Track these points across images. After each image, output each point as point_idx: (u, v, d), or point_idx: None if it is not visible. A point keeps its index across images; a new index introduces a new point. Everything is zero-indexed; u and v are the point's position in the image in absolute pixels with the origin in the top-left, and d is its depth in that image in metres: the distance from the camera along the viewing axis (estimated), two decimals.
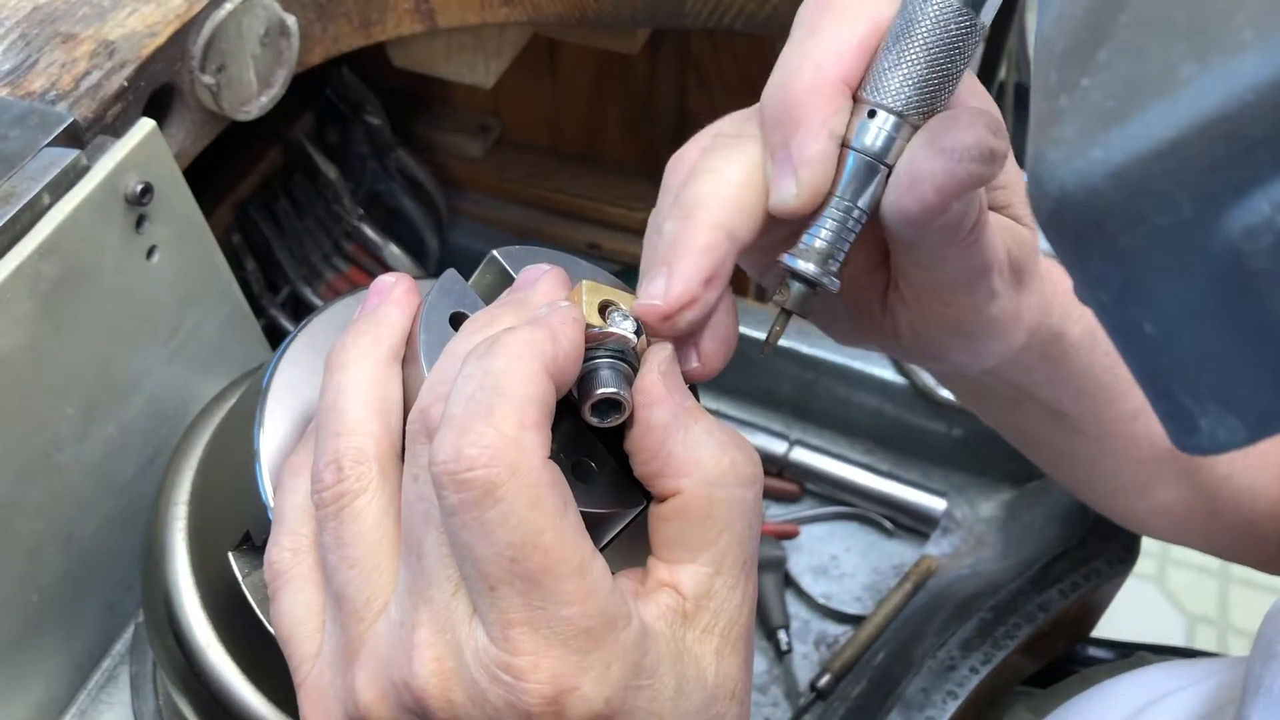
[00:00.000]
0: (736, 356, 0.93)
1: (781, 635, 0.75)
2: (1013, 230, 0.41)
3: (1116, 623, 0.82)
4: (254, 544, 0.45)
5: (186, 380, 0.62)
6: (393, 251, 0.95)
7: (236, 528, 0.45)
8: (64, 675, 0.60)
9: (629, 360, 0.36)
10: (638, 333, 0.36)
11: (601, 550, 0.34)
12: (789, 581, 0.79)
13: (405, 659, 0.32)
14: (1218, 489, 0.56)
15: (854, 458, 0.84)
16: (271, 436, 0.43)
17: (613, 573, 0.33)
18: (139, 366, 0.58)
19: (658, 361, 0.36)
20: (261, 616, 0.43)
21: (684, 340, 0.38)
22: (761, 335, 0.85)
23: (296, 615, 0.37)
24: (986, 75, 1.31)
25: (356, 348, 0.38)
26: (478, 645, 0.31)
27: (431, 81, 0.91)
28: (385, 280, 0.41)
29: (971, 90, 0.37)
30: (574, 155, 1.07)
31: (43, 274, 0.50)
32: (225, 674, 0.46)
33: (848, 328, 0.46)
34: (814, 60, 0.36)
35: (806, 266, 0.37)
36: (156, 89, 0.58)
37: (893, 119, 0.36)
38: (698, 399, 0.37)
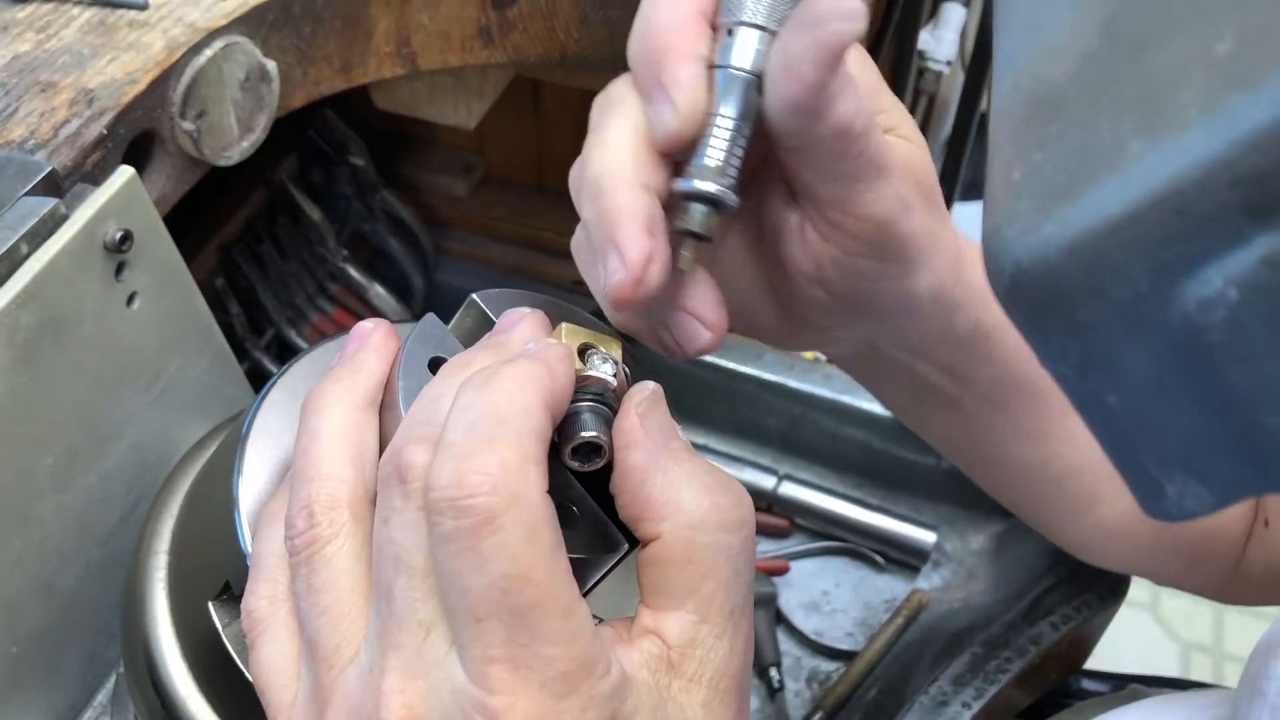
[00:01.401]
0: (723, 392, 0.93)
1: (773, 673, 0.74)
2: (904, 148, 0.41)
3: (1110, 652, 0.81)
4: (234, 594, 0.44)
5: (169, 426, 0.62)
6: (378, 292, 0.95)
7: (217, 577, 0.45)
8: None
9: (609, 403, 0.36)
10: (617, 375, 0.36)
11: (583, 596, 0.33)
12: (780, 618, 0.79)
13: (374, 706, 0.32)
14: None
15: (843, 492, 0.84)
16: (251, 484, 0.43)
17: (601, 619, 0.33)
18: (120, 414, 0.58)
19: (636, 402, 0.35)
20: (242, 667, 0.43)
21: (682, 317, 0.39)
22: (747, 369, 0.86)
23: (273, 664, 0.36)
24: (968, 105, 1.32)
25: (332, 393, 0.38)
26: (453, 684, 0.30)
27: (415, 121, 0.91)
28: (364, 326, 0.41)
29: None
30: (559, 193, 1.07)
31: (21, 323, 0.50)
32: None
33: (773, 314, 0.45)
34: None
35: (701, 185, 0.36)
36: (136, 136, 0.58)
37: (754, 32, 0.37)
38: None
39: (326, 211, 0.94)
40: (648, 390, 0.36)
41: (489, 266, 1.06)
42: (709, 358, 0.87)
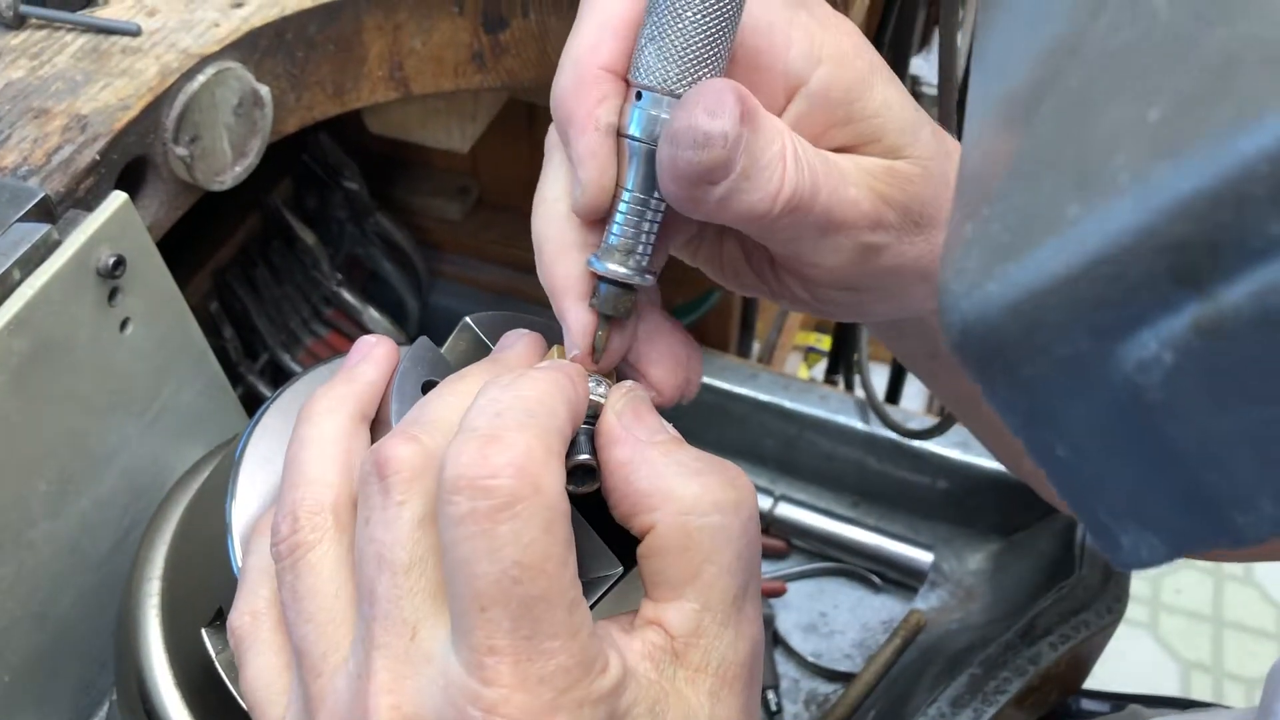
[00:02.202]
0: (719, 412, 0.93)
1: (771, 695, 0.74)
2: (887, 173, 0.38)
3: (1110, 671, 0.81)
4: (227, 620, 0.44)
5: (163, 451, 0.61)
6: (372, 315, 0.95)
7: (210, 603, 0.44)
8: None
9: None
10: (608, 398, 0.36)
11: None
12: (778, 640, 0.78)
13: (362, 710, 0.31)
14: None
15: (840, 512, 0.83)
16: (244, 509, 0.43)
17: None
18: (114, 439, 0.58)
19: (613, 402, 0.35)
20: (236, 694, 0.42)
21: (635, 375, 0.38)
22: (742, 390, 0.86)
23: (261, 680, 0.36)
24: (962, 130, 1.32)
25: (324, 402, 0.38)
26: (446, 678, 0.30)
27: (409, 145, 0.91)
28: (368, 340, 0.41)
29: (748, 72, 0.36)
30: None
31: (13, 349, 0.49)
32: None
33: (753, 287, 0.44)
34: (573, 55, 0.35)
35: (606, 266, 0.35)
36: (129, 161, 0.58)
37: (657, 98, 0.34)
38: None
39: (320, 235, 0.94)
40: (624, 389, 0.36)
41: (483, 289, 1.07)
42: (702, 378, 0.87)
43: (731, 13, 0.34)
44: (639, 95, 0.34)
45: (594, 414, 0.36)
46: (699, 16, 0.33)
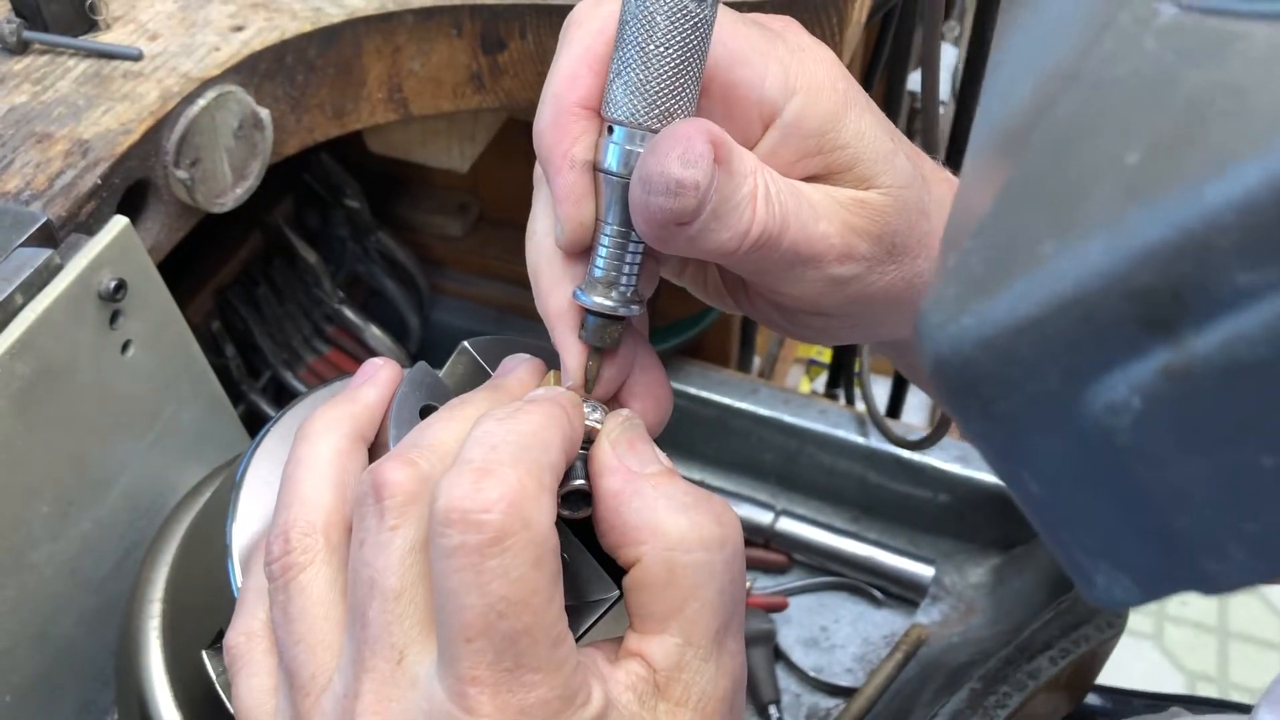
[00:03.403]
0: (720, 427, 0.93)
1: (772, 710, 0.74)
2: (858, 205, 0.37)
3: (1114, 683, 0.81)
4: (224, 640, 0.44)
5: (164, 472, 0.62)
6: (374, 333, 0.95)
7: (211, 624, 0.45)
8: None
9: None
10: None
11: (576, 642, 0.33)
12: (779, 655, 0.78)
13: None
14: None
15: (841, 526, 0.84)
16: (245, 530, 0.43)
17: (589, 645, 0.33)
18: (115, 461, 0.58)
19: (608, 430, 0.36)
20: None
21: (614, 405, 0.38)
22: (742, 404, 0.86)
23: (251, 699, 0.36)
24: (959, 144, 1.32)
25: (322, 422, 0.38)
26: (430, 704, 0.30)
27: (410, 163, 0.92)
28: (374, 363, 0.41)
29: (723, 104, 0.35)
30: None
31: (15, 373, 0.50)
32: None
33: (734, 307, 0.44)
34: (551, 89, 0.35)
35: (591, 299, 0.36)
36: (131, 185, 0.58)
37: (629, 132, 0.34)
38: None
39: (322, 254, 0.94)
40: (621, 418, 0.37)
41: (484, 305, 1.07)
42: (702, 393, 0.87)
43: (696, 44, 0.33)
44: (610, 129, 0.34)
45: (590, 439, 0.36)
46: (662, 49, 0.33)
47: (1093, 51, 0.21)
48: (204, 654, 0.44)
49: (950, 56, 1.32)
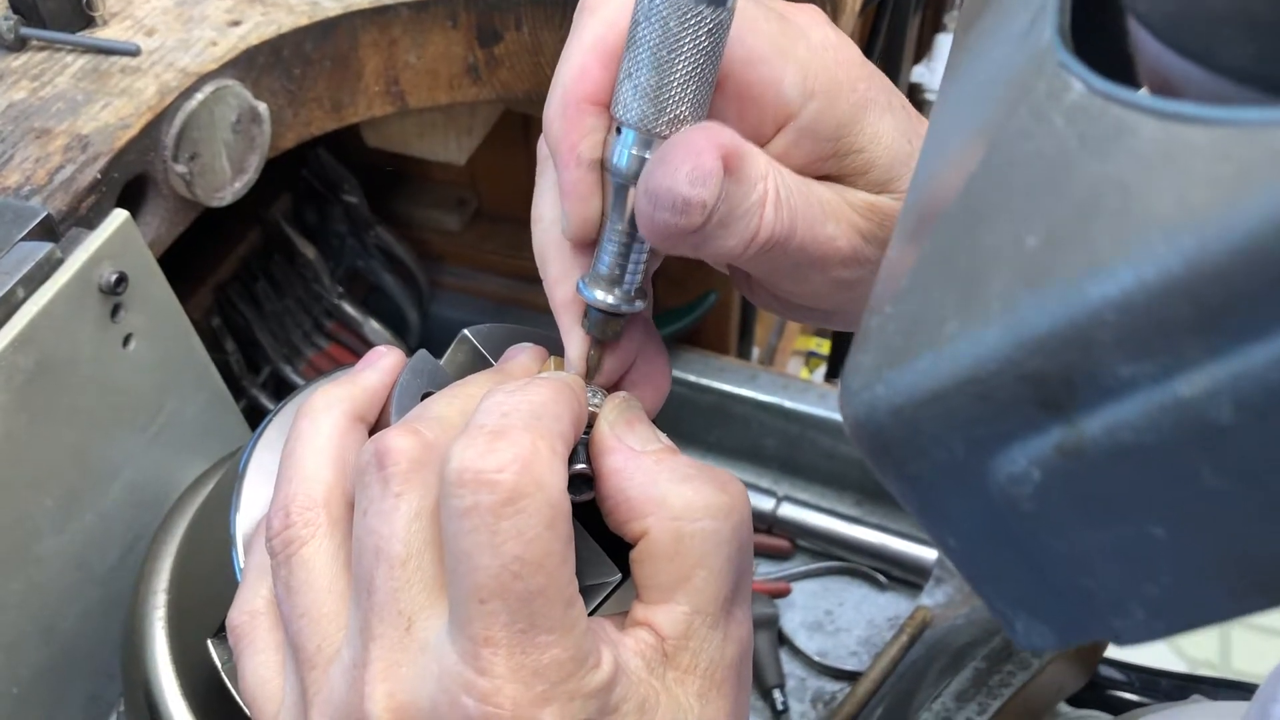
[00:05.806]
0: (721, 413, 0.93)
1: (777, 695, 0.74)
2: (870, 209, 0.37)
3: None
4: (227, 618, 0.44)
5: (166, 465, 0.62)
6: (373, 327, 0.95)
7: (216, 614, 0.45)
8: None
9: None
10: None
11: None
12: (783, 639, 0.78)
13: (358, 699, 0.31)
14: None
15: (843, 511, 0.84)
16: (247, 520, 0.43)
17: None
18: (118, 454, 0.58)
19: (606, 412, 0.36)
20: (242, 704, 0.43)
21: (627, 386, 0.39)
22: (742, 390, 0.86)
23: (257, 677, 0.36)
24: None
25: (324, 398, 0.38)
26: (441, 666, 0.30)
27: (408, 158, 0.92)
28: (378, 350, 0.41)
29: (737, 102, 0.35)
30: None
31: (18, 366, 0.50)
32: None
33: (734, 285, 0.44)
34: (561, 80, 0.35)
35: (593, 295, 0.35)
36: (130, 179, 0.59)
37: (638, 136, 0.33)
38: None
39: (321, 249, 0.95)
40: (618, 400, 0.37)
41: (483, 299, 1.07)
42: (702, 380, 0.87)
43: (711, 48, 0.32)
44: (618, 130, 0.34)
45: (590, 425, 0.36)
46: (675, 54, 0.32)
47: (1009, 123, 0.21)
48: (209, 643, 0.44)
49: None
